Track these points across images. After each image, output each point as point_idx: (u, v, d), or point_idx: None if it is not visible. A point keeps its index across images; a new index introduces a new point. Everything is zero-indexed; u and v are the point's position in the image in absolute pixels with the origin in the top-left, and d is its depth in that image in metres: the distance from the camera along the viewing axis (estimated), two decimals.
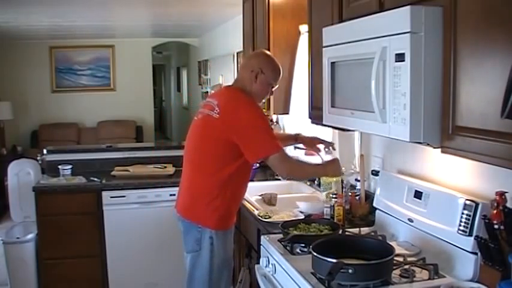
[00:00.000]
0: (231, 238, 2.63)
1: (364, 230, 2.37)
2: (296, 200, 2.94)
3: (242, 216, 3.01)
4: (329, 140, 2.95)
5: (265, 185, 3.46)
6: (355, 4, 2.15)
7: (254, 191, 3.18)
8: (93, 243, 3.85)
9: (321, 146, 2.85)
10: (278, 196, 3.07)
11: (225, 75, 6.95)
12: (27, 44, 8.41)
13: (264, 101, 2.88)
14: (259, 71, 2.57)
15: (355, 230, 2.36)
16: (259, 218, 2.67)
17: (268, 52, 2.83)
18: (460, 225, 1.83)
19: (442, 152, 1.64)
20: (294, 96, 3.56)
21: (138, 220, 3.87)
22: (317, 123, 2.59)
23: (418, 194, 2.13)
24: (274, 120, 4.24)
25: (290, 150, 3.70)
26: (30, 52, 8.53)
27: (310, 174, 2.97)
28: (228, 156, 2.45)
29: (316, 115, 2.60)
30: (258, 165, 3.99)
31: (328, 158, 2.76)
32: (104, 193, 3.83)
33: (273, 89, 2.67)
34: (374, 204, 2.47)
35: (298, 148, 3.59)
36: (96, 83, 8.98)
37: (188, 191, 2.61)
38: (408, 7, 1.62)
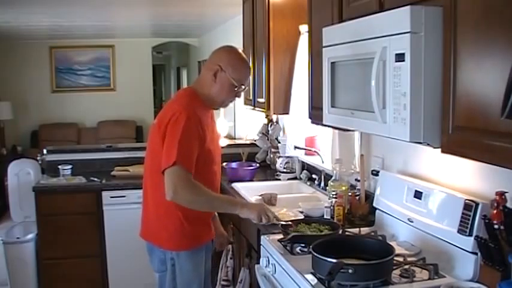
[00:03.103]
0: (202, 256, 2.37)
1: (364, 230, 2.37)
2: (296, 200, 2.94)
3: None
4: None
5: (265, 185, 3.45)
6: (355, 4, 2.15)
7: (254, 191, 3.19)
8: (93, 243, 3.86)
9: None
10: (278, 196, 3.07)
11: None
12: (27, 44, 8.40)
13: (230, 104, 2.44)
14: (218, 69, 2.25)
15: (355, 230, 2.36)
16: None
17: (234, 47, 2.40)
18: (460, 225, 1.83)
19: (442, 152, 1.64)
20: (294, 96, 3.56)
21: (138, 220, 3.84)
22: (317, 123, 2.59)
23: (418, 194, 2.13)
24: (274, 120, 4.23)
25: (290, 150, 3.72)
26: (30, 52, 8.51)
27: (207, 208, 2.34)
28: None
29: (316, 115, 2.59)
30: (257, 165, 3.99)
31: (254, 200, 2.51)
32: (103, 193, 3.84)
33: (239, 90, 2.31)
34: (374, 204, 2.47)
35: (298, 148, 3.60)
36: (96, 83, 8.97)
37: (144, 212, 2.44)
38: (408, 7, 1.62)
